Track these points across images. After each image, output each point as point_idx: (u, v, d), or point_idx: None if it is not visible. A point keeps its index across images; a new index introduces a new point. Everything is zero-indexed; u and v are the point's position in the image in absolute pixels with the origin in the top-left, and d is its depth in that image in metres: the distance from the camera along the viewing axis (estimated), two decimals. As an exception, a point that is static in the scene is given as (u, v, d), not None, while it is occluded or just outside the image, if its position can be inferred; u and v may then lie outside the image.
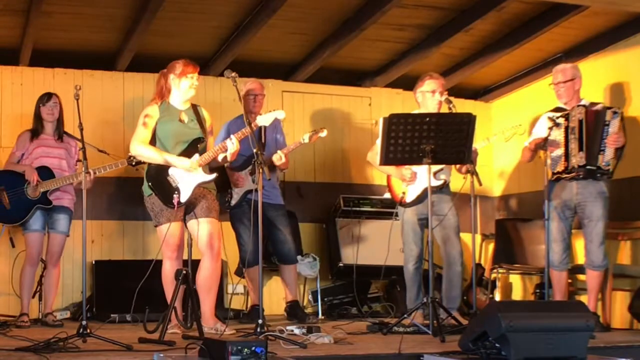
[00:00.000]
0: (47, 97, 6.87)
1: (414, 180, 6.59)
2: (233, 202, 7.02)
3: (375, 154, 6.37)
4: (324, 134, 7.07)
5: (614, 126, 6.39)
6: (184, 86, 6.03)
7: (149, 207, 6.05)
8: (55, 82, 7.82)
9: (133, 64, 8.01)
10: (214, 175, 6.07)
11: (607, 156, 6.40)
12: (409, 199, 6.65)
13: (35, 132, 6.87)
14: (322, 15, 7.35)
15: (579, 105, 6.53)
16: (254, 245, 6.89)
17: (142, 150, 5.97)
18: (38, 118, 6.88)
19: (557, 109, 6.65)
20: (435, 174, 6.47)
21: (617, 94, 7.41)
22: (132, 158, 6.42)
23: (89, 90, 7.51)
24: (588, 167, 6.41)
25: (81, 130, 5.36)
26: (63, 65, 7.92)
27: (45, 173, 6.74)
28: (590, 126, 6.44)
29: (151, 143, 6.00)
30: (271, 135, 7.24)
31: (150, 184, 5.97)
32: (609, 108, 6.51)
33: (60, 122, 6.92)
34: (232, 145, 5.95)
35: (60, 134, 6.91)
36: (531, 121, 8.12)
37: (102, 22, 7.22)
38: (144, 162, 6.19)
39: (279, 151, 7.02)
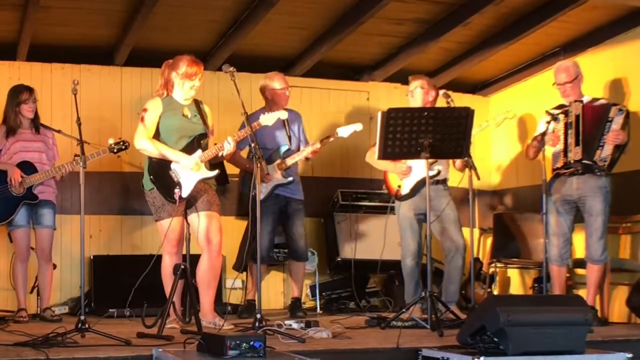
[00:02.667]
0: (28, 93, 6.74)
1: (409, 173, 6.60)
2: (262, 196, 6.99)
3: (373, 152, 6.38)
4: (359, 127, 7.09)
5: (617, 123, 6.38)
6: (185, 87, 6.00)
7: (150, 202, 6.04)
8: (52, 77, 7.81)
9: (131, 59, 8.00)
10: (215, 172, 6.06)
11: (604, 152, 6.40)
12: (404, 191, 6.66)
13: (12, 129, 6.73)
14: (319, 9, 7.34)
15: (576, 101, 6.53)
16: (268, 242, 6.92)
17: (146, 145, 5.93)
18: (15, 114, 6.74)
19: (560, 107, 6.65)
20: (430, 164, 6.45)
21: (616, 89, 7.41)
22: (112, 146, 6.40)
23: (86, 85, 7.47)
24: (584, 161, 6.41)
25: (79, 125, 5.34)
26: (61, 60, 7.90)
27: (28, 168, 6.67)
28: (587, 121, 6.43)
29: (154, 137, 5.98)
30: (296, 128, 7.35)
31: (151, 177, 5.96)
32: (614, 104, 6.50)
33: (35, 114, 6.83)
34: (229, 145, 5.96)
35: (36, 126, 6.85)
36: (529, 115, 8.16)
37: (100, 16, 7.21)
38: (125, 149, 6.18)
39: (310, 146, 7.09)
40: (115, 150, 6.45)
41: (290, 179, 7.09)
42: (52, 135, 6.92)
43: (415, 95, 6.72)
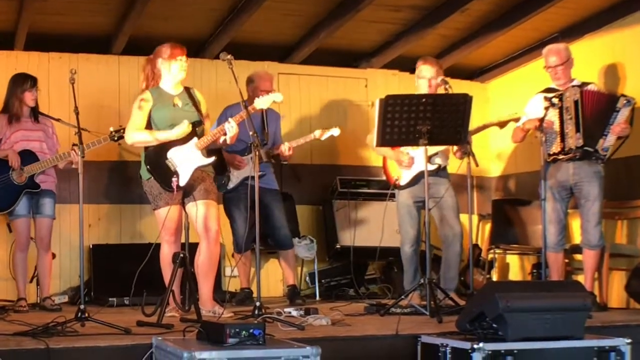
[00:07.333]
0: (31, 81, 6.73)
1: (411, 165, 6.57)
2: (231, 185, 7.03)
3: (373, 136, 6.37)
4: (336, 132, 7.08)
5: (623, 115, 6.36)
6: (174, 69, 5.96)
7: (147, 191, 6.03)
8: (50, 66, 7.81)
9: (128, 48, 7.99)
10: (212, 159, 6.02)
11: (608, 142, 6.37)
12: (403, 182, 6.65)
13: (16, 116, 6.72)
14: (317, -4, 7.34)
15: (573, 86, 6.50)
16: (248, 231, 6.90)
17: (137, 136, 5.91)
18: (19, 102, 6.72)
19: (549, 90, 6.62)
20: (430, 157, 6.44)
21: (613, 74, 7.39)
22: (113, 133, 6.39)
23: (84, 74, 7.46)
24: (585, 148, 6.38)
25: (77, 114, 5.34)
26: (58, 49, 7.90)
27: (29, 157, 6.66)
28: (587, 107, 6.39)
29: (147, 129, 5.95)
30: (273, 127, 7.33)
31: (148, 167, 5.94)
32: (623, 95, 6.48)
33: (35, 103, 6.82)
34: (232, 128, 5.93)
35: (35, 115, 6.83)
36: (528, 101, 8.13)
37: (97, 5, 7.19)
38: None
39: (286, 143, 7.11)
40: (115, 138, 6.45)
41: (263, 173, 7.08)
42: (52, 124, 6.92)
43: (421, 85, 6.63)
